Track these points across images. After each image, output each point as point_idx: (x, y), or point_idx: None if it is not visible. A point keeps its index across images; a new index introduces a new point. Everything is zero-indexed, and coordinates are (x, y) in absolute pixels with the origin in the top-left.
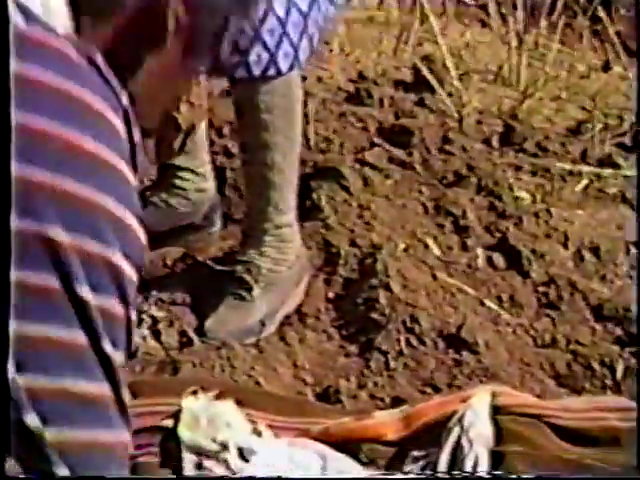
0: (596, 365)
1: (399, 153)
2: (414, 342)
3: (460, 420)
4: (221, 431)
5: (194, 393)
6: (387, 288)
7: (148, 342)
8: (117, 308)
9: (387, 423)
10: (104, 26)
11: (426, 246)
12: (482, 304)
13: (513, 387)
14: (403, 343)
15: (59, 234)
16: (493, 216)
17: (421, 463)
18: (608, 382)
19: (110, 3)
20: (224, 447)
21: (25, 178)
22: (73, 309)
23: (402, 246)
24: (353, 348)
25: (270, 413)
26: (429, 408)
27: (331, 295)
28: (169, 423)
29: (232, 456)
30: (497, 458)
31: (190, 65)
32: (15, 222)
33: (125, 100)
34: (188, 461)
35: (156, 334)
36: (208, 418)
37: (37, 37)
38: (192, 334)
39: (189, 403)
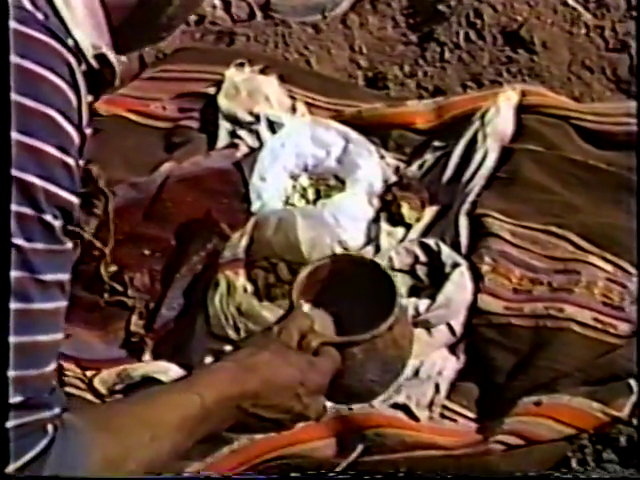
0: None
1: None
2: (473, 36)
3: (483, 116)
4: (258, 104)
5: (240, 65)
6: None
7: (217, 12)
8: None
9: (419, 112)
10: None
11: None
12: (565, 4)
13: (551, 89)
14: (462, 36)
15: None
16: None
17: (438, 153)
18: None
19: None
20: (257, 119)
21: None
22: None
23: None
24: (414, 37)
25: (312, 92)
26: (461, 101)
27: None
28: (212, 90)
29: (262, 128)
30: (506, 154)
31: None
32: None
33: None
34: (223, 128)
35: (227, 5)
36: (248, 90)
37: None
38: (256, 9)
39: (233, 74)
